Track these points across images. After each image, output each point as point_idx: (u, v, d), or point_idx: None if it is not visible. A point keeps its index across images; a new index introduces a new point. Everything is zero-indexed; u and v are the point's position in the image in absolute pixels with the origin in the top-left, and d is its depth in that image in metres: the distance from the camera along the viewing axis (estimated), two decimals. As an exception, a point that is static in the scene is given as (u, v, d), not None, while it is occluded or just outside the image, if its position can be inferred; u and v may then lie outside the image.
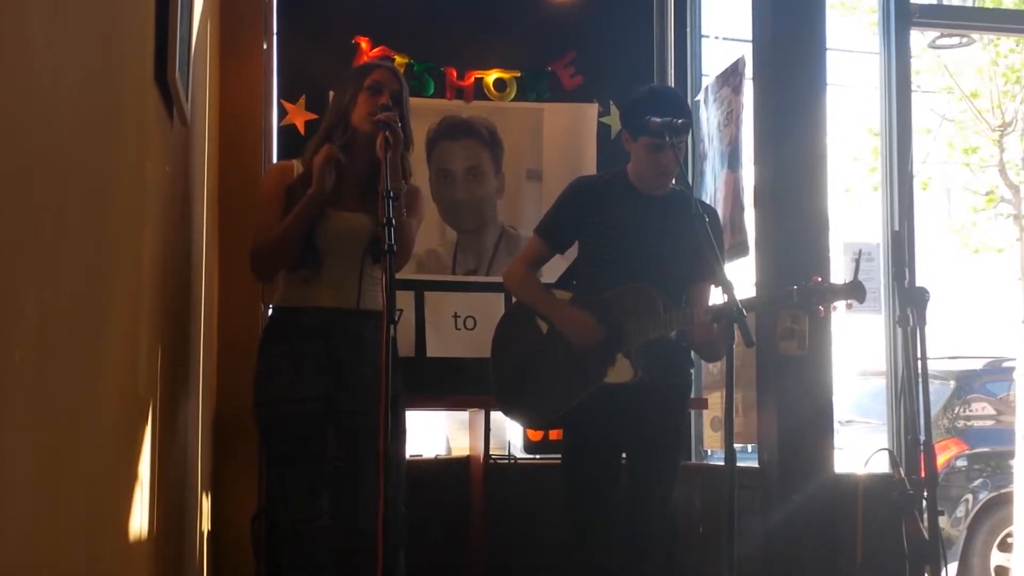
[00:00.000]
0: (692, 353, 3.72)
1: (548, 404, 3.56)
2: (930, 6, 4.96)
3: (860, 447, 5.31)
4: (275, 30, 4.61)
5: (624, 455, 3.59)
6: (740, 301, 3.17)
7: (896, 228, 4.42)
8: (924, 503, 3.76)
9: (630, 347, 3.42)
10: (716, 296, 4.01)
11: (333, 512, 3.25)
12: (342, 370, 3.26)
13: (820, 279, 3.30)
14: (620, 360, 3.43)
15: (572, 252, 3.74)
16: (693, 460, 4.84)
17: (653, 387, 3.46)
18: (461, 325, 4.66)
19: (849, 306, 3.26)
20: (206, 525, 3.93)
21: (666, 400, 3.54)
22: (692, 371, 3.74)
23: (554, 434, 4.69)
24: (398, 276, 3.42)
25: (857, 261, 3.27)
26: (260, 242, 3.27)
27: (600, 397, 3.45)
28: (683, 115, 3.50)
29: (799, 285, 3.28)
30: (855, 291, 3.24)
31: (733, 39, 5.38)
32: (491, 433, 4.43)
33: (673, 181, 3.62)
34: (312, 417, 3.25)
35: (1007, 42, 10.02)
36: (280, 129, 4.58)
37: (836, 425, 4.41)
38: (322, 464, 3.27)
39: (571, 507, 3.55)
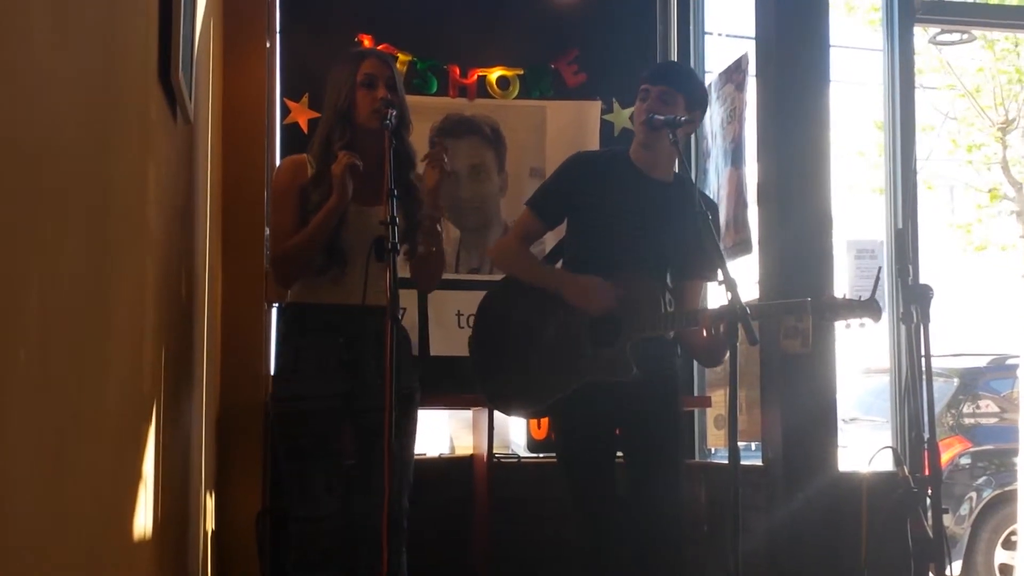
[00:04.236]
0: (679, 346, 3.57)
1: (538, 391, 3.42)
2: (932, 2, 4.95)
3: (864, 445, 5.31)
4: (278, 28, 4.61)
5: (621, 453, 3.47)
6: (753, 306, 3.11)
7: (899, 226, 4.42)
8: (928, 501, 3.76)
9: (626, 342, 3.29)
10: (710, 293, 3.97)
11: (345, 510, 3.26)
12: (362, 368, 3.26)
13: (834, 295, 3.17)
14: (616, 355, 3.29)
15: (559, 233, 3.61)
16: (697, 458, 4.84)
17: (643, 382, 3.31)
18: (464, 324, 4.65)
19: (863, 325, 3.12)
20: (210, 524, 3.93)
21: (657, 394, 3.38)
22: (679, 360, 3.55)
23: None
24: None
25: (876, 278, 3.14)
26: (280, 253, 3.30)
27: (589, 392, 3.33)
28: (666, 79, 3.45)
29: (813, 298, 3.18)
30: (871, 309, 3.10)
31: (736, 36, 5.39)
32: (495, 432, 4.43)
33: (676, 168, 3.52)
34: (332, 413, 3.27)
35: (1004, 42, 10.00)
36: (283, 127, 4.58)
37: (840, 423, 4.40)
38: (338, 462, 3.29)
39: (576, 505, 3.43)
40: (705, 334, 3.16)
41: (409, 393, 3.34)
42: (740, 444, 3.00)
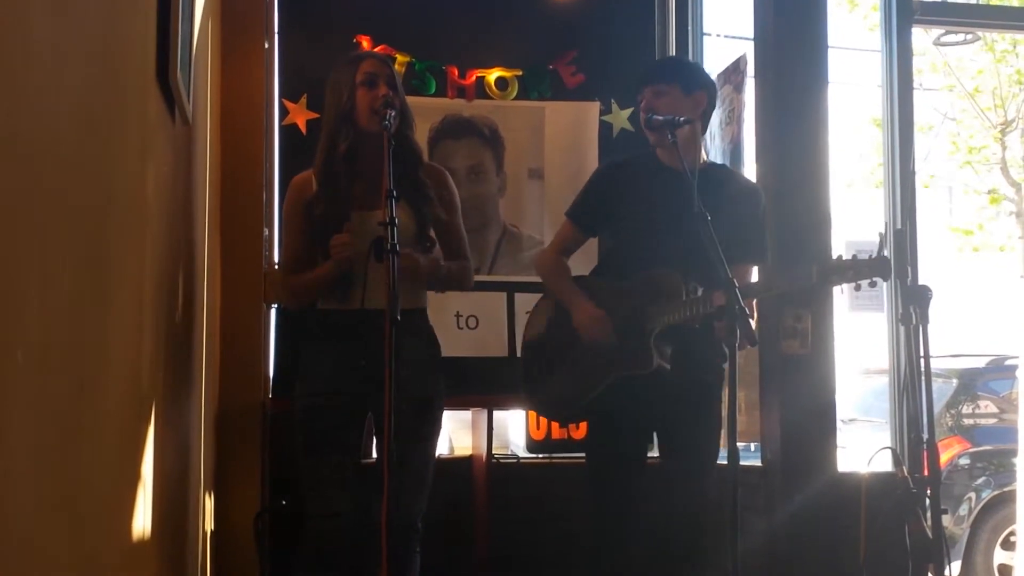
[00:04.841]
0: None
1: (569, 393, 3.48)
2: (931, 3, 4.95)
3: (863, 446, 5.31)
4: (276, 29, 4.61)
5: (651, 453, 3.49)
6: (755, 283, 3.07)
7: (898, 226, 4.42)
8: (927, 501, 3.76)
9: (650, 335, 3.30)
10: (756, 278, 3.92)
11: (363, 511, 3.25)
12: (377, 371, 3.25)
13: (841, 256, 3.01)
14: (641, 349, 3.31)
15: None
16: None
17: (678, 382, 3.33)
18: (464, 325, 4.65)
19: (873, 284, 2.95)
20: (208, 524, 3.93)
21: (690, 396, 3.38)
22: (725, 366, 3.42)
23: (556, 433, 4.69)
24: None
25: (882, 235, 3.05)
26: (288, 290, 3.41)
27: (622, 388, 3.35)
28: (655, 73, 3.50)
29: (819, 262, 3.06)
30: (880, 267, 2.94)
31: (735, 37, 5.39)
32: (494, 432, 4.43)
33: (705, 157, 3.50)
34: (349, 412, 3.28)
35: (1003, 43, 10.01)
36: (282, 128, 4.57)
37: (839, 424, 4.41)
38: (351, 461, 3.29)
39: (593, 500, 3.43)
40: (716, 303, 3.11)
41: (429, 398, 3.35)
42: (739, 445, 2.99)
